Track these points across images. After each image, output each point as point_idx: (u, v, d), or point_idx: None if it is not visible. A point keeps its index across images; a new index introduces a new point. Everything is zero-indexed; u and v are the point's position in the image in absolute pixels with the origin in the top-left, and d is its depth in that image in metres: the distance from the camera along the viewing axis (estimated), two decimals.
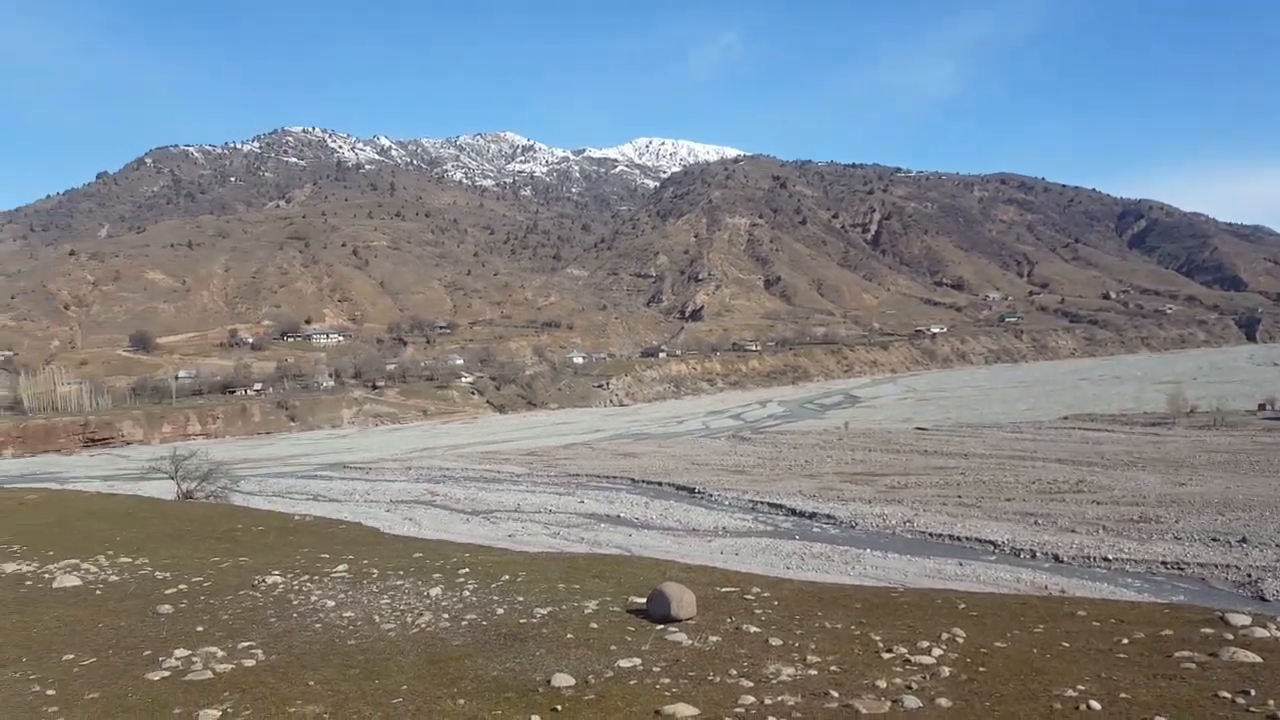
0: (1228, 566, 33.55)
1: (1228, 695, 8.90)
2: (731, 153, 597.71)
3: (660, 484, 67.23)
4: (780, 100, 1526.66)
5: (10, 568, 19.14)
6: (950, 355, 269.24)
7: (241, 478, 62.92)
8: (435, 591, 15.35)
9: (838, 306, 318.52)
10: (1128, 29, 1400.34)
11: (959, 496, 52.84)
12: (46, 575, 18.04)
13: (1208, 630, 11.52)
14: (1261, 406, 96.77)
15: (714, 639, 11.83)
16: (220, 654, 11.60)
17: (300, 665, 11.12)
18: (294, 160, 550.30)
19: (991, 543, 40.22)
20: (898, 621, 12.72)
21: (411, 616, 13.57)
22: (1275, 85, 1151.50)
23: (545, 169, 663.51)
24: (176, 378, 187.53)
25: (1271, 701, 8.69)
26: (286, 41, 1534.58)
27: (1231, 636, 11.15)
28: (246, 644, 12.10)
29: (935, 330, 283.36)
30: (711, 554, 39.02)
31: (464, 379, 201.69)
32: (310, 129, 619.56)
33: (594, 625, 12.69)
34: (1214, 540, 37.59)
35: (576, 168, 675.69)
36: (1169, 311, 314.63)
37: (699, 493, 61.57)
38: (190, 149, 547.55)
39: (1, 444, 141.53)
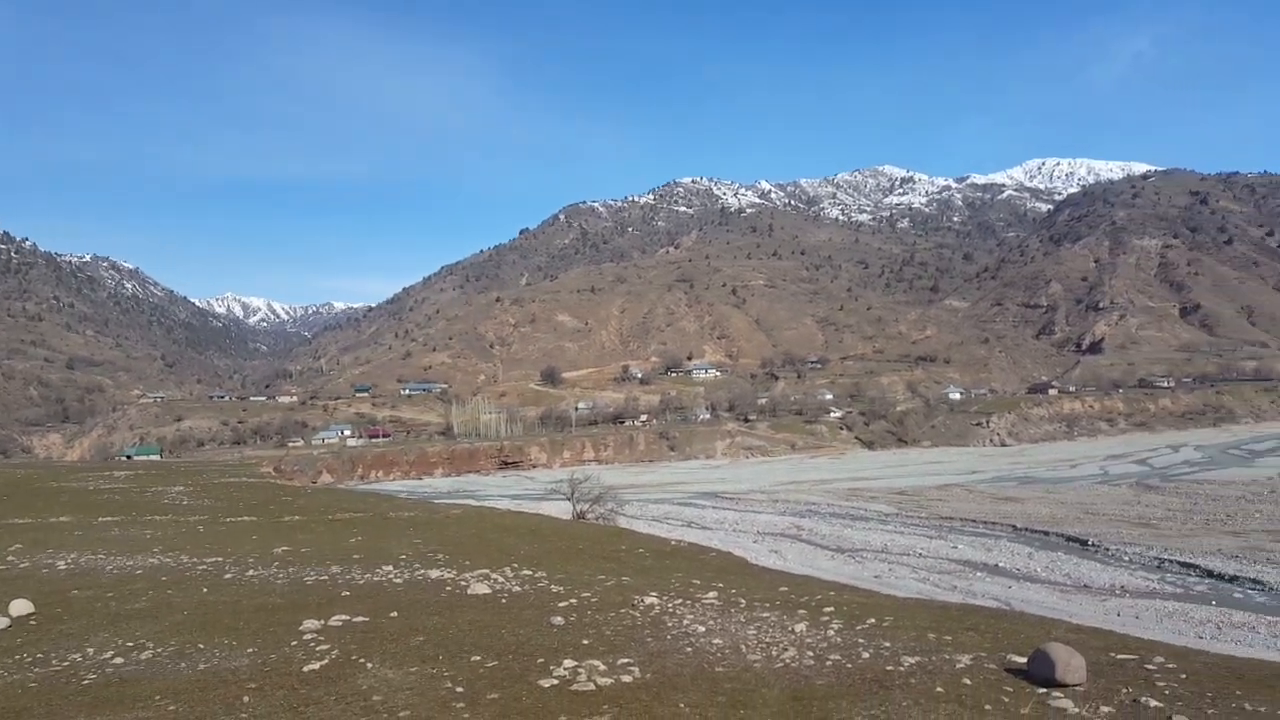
0: None
1: None
2: (1139, 169, 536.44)
3: (1046, 533, 61.65)
4: (1200, 108, 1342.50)
5: (435, 574, 21.93)
6: None
7: (626, 502, 68.13)
8: (800, 628, 15.30)
9: (1274, 337, 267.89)
10: None
11: None
12: (463, 582, 20.29)
13: None
14: None
15: (1105, 710, 10.53)
16: (602, 667, 12.24)
17: (672, 686, 11.46)
18: (683, 209, 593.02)
19: None
20: None
21: (776, 650, 13.53)
22: None
23: (925, 199, 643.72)
24: (576, 409, 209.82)
25: None
26: (680, 100, 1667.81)
27: None
28: (625, 660, 12.70)
29: None
30: (1105, 615, 34.96)
31: (833, 414, 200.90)
32: (698, 179, 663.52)
33: (966, 681, 11.90)
34: None
35: (959, 196, 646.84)
36: None
37: (1092, 545, 55.42)
38: (596, 204, 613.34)
39: (434, 464, 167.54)
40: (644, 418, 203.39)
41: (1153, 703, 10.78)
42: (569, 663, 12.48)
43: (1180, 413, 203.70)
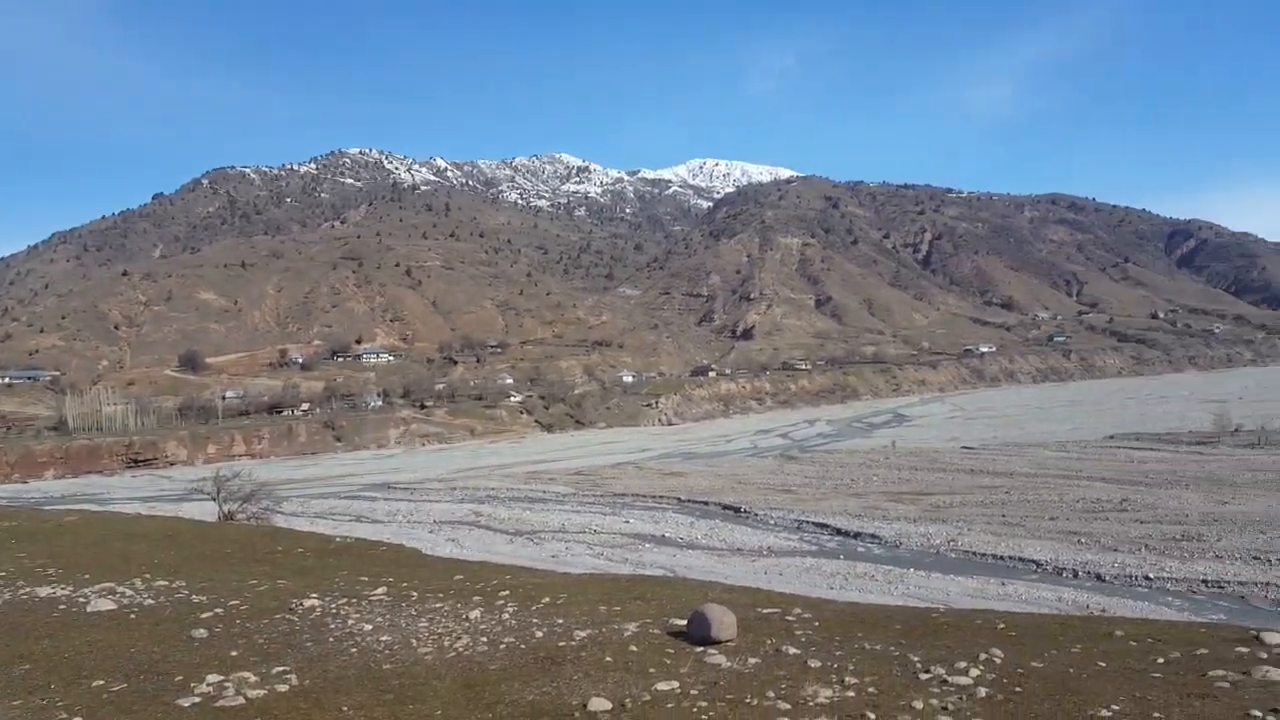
0: (1268, 584, 33.63)
1: (1259, 714, 8.78)
2: (785, 173, 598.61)
3: (706, 503, 66.86)
4: (834, 122, 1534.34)
5: (44, 591, 18.93)
6: (998, 374, 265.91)
7: (285, 499, 63.17)
8: (474, 614, 15.25)
9: (888, 326, 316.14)
10: (1177, 48, 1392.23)
11: (1003, 515, 52.35)
12: (81, 599, 17.81)
13: (1242, 649, 11.36)
14: None
15: (753, 661, 11.60)
16: (253, 679, 11.44)
17: (334, 690, 10.99)
18: (350, 182, 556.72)
19: (1034, 562, 40.49)
20: (937, 642, 12.49)
21: (449, 640, 13.44)
22: None
23: (600, 190, 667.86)
24: (223, 398, 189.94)
25: None
26: (345, 64, 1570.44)
27: (1265, 655, 11.00)
28: (281, 669, 11.96)
29: (984, 349, 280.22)
30: (755, 574, 38.77)
31: (513, 398, 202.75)
32: (367, 151, 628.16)
33: (633, 648, 12.52)
34: (1255, 558, 37.52)
35: (631, 188, 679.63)
36: (1216, 331, 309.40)
37: (745, 512, 61.14)
38: (247, 170, 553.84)
39: (44, 465, 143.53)
40: (306, 406, 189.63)
41: (792, 650, 12.06)
42: (214, 677, 11.51)
43: (815, 391, 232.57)
